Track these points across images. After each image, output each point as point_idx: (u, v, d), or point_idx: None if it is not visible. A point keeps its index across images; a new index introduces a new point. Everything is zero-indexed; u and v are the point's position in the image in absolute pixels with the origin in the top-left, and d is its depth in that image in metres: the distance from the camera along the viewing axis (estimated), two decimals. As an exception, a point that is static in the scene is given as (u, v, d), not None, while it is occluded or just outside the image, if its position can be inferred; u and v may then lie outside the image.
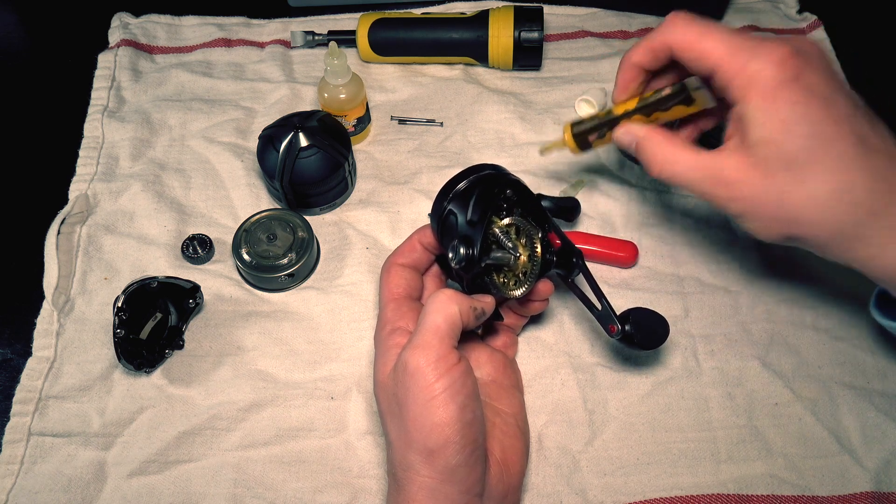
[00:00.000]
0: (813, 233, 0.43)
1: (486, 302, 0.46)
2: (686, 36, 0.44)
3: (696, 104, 0.48)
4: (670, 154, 0.46)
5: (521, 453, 0.47)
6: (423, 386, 0.40)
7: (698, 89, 0.47)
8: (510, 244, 0.47)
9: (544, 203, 0.53)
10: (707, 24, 0.44)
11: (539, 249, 0.47)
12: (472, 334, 0.51)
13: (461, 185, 0.48)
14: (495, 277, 0.48)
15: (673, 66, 0.49)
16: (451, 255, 0.45)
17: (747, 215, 0.44)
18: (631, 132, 0.48)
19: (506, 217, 0.47)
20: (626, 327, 0.47)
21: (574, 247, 0.50)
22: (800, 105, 0.41)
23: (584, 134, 0.53)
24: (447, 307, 0.43)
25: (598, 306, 0.48)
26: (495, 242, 0.47)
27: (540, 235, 0.48)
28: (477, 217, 0.46)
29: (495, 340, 0.53)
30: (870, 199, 0.41)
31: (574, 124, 0.54)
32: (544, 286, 0.50)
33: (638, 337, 0.47)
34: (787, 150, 0.41)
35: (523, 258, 0.47)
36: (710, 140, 0.54)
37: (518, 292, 0.47)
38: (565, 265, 0.50)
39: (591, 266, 0.59)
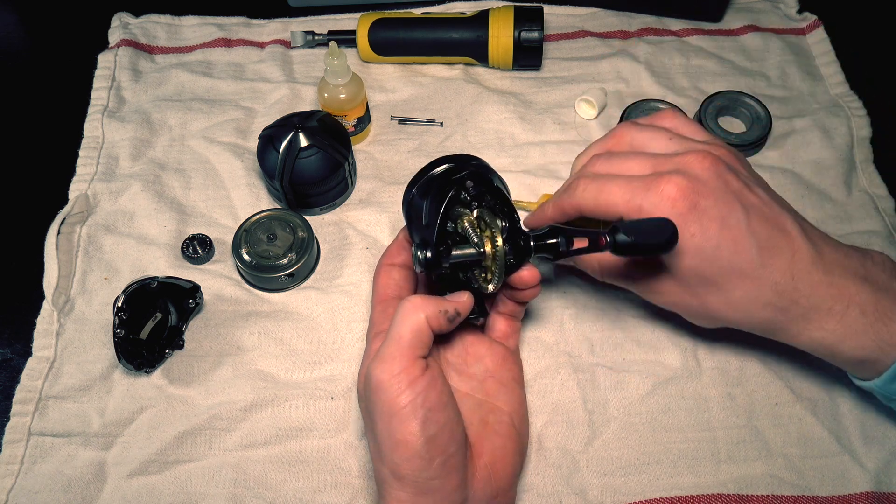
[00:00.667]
0: (738, 326, 0.49)
1: (461, 301, 0.44)
2: (586, 196, 0.48)
3: None
4: (606, 263, 0.52)
5: (514, 454, 0.46)
6: (385, 401, 0.40)
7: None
8: (475, 239, 0.45)
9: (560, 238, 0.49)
10: (603, 180, 0.48)
11: (500, 240, 0.44)
12: (470, 325, 0.50)
13: (420, 181, 0.47)
14: (476, 273, 0.46)
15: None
16: (413, 260, 0.44)
17: (680, 313, 0.51)
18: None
19: (475, 210, 0.46)
20: (618, 237, 0.42)
21: (558, 230, 0.47)
22: (697, 235, 0.45)
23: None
24: (412, 315, 0.42)
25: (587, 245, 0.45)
26: (464, 238, 0.45)
27: (505, 224, 0.45)
28: (430, 218, 0.45)
29: (494, 330, 0.51)
30: (775, 298, 0.46)
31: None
32: (529, 274, 0.47)
33: (635, 239, 0.42)
34: (697, 271, 0.46)
35: (489, 250, 0.45)
36: None
37: (490, 287, 0.45)
38: (548, 249, 0.47)
39: (588, 276, 0.59)
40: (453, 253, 0.44)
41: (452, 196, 0.45)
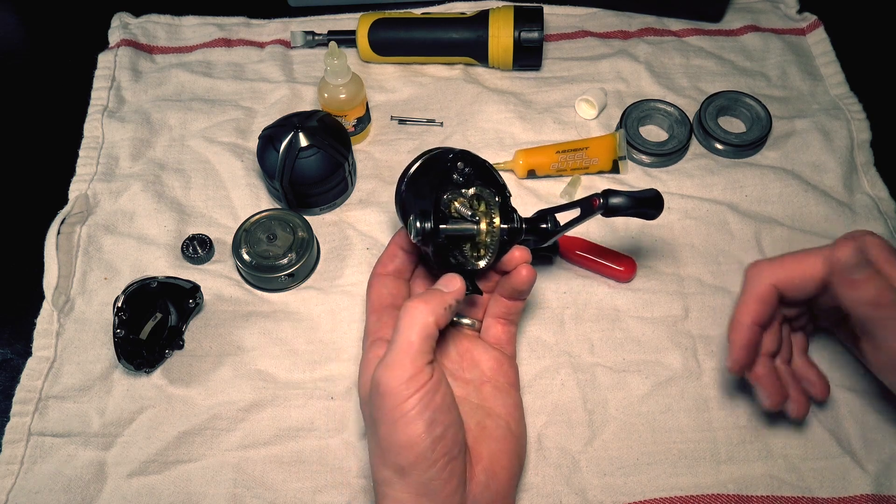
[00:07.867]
0: None
1: (455, 289, 0.44)
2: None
3: None
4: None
5: (512, 457, 0.46)
6: (392, 406, 0.40)
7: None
8: (470, 213, 0.46)
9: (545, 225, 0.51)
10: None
11: (497, 217, 0.46)
12: (466, 332, 0.50)
13: (412, 169, 0.48)
14: (467, 250, 0.47)
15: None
16: (409, 230, 0.45)
17: None
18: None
19: (471, 188, 0.47)
20: (610, 199, 0.45)
21: (548, 211, 0.48)
22: None
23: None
24: (421, 318, 0.41)
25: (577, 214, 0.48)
26: (458, 214, 0.46)
27: (499, 200, 0.46)
28: (427, 190, 0.46)
29: (489, 335, 0.51)
30: None
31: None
32: (521, 253, 0.47)
33: (627, 202, 0.45)
34: None
35: (484, 226, 0.46)
36: None
37: (482, 262, 0.46)
38: (537, 231, 0.48)
39: (588, 276, 0.59)
40: (449, 226, 0.45)
41: (446, 171, 0.46)
